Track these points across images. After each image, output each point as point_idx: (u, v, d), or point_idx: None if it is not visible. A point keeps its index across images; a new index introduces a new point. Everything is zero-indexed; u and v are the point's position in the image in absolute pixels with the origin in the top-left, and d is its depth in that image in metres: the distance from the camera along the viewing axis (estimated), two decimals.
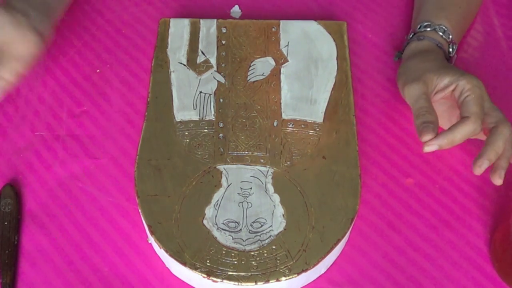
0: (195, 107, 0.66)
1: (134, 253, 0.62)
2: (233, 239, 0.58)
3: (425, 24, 0.69)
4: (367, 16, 0.80)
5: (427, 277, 0.61)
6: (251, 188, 0.61)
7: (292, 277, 0.56)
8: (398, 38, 0.78)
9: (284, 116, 0.66)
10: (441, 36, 0.69)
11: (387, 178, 0.67)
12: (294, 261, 0.57)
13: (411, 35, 0.71)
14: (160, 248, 0.57)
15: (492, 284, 0.60)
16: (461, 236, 0.63)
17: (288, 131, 0.65)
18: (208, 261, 0.56)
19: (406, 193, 0.66)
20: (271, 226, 0.58)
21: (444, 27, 0.69)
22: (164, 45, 0.71)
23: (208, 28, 0.73)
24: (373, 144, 0.69)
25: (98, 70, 0.74)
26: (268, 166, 0.62)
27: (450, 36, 0.69)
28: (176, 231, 0.58)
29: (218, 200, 0.60)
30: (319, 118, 0.65)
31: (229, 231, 0.58)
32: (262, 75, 0.69)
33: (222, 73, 0.69)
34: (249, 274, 0.56)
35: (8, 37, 0.62)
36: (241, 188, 0.61)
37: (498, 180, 0.57)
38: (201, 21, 0.73)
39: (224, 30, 0.72)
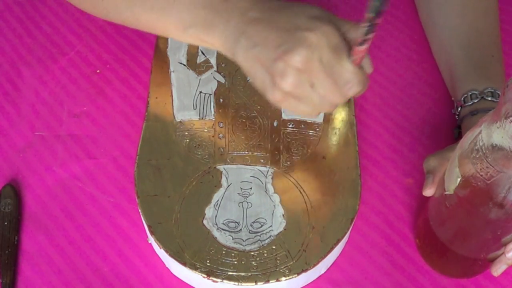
0: (195, 107, 0.66)
1: (134, 253, 0.62)
2: (233, 239, 0.58)
3: (470, 94, 0.64)
4: None
5: (427, 277, 0.61)
6: (251, 188, 0.61)
7: (292, 277, 0.56)
8: (398, 38, 0.78)
9: (284, 116, 0.66)
10: (491, 101, 0.63)
11: (387, 178, 0.67)
12: (294, 261, 0.56)
13: (459, 109, 0.65)
14: (160, 248, 0.57)
15: None
16: None
17: (288, 131, 0.65)
18: (208, 261, 0.56)
19: (406, 193, 0.66)
20: (271, 226, 0.58)
21: (490, 90, 0.63)
22: (164, 45, 0.71)
23: None
24: (373, 144, 0.69)
25: (98, 70, 0.74)
26: (268, 166, 0.62)
27: (499, 92, 0.63)
28: (176, 231, 0.58)
29: (218, 200, 0.60)
30: (319, 118, 0.65)
31: (229, 231, 0.58)
32: None
33: (222, 73, 0.69)
34: (249, 274, 0.56)
35: None
36: (241, 188, 0.61)
37: (494, 273, 0.57)
38: None
39: None
